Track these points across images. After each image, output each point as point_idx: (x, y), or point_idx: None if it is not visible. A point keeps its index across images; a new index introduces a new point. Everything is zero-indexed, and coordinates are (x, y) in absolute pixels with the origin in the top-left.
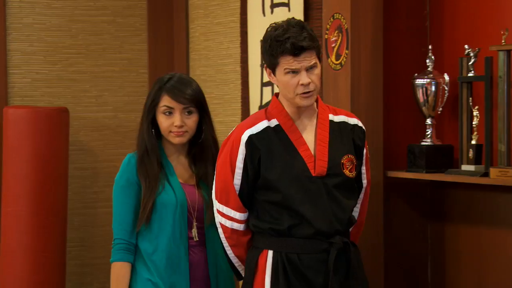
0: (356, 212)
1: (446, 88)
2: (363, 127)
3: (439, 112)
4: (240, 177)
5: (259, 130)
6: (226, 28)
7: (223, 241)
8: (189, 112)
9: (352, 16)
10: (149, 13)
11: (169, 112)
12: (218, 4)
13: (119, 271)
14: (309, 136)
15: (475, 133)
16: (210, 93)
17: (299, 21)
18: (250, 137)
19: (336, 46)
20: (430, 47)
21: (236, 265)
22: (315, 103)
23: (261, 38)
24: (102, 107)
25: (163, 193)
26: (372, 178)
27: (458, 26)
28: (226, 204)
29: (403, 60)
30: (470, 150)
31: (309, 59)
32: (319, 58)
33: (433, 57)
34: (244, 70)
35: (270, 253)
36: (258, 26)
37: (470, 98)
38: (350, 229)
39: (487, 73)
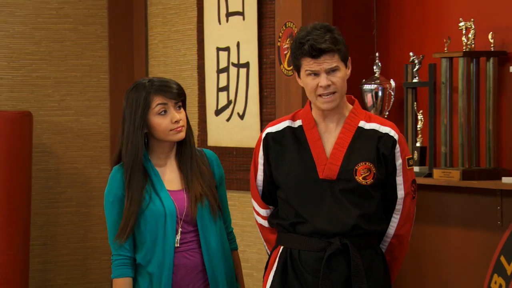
0: (394, 223)
1: (392, 93)
2: (395, 137)
3: (385, 116)
4: (262, 173)
5: (278, 130)
6: (183, 35)
7: (261, 237)
8: (179, 107)
9: (303, 24)
10: (109, 21)
11: (164, 111)
12: (176, 12)
13: (121, 287)
14: (331, 139)
15: (420, 135)
16: None
17: (326, 24)
18: (267, 135)
19: (288, 53)
20: (377, 54)
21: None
22: (348, 106)
23: (217, 45)
24: (65, 111)
25: (151, 204)
26: None
27: (403, 34)
28: (254, 198)
29: (352, 66)
30: (415, 152)
31: (329, 61)
32: (344, 62)
33: (380, 64)
34: (200, 76)
35: (281, 248)
36: (214, 34)
37: (415, 103)
38: (388, 239)
39: (430, 79)
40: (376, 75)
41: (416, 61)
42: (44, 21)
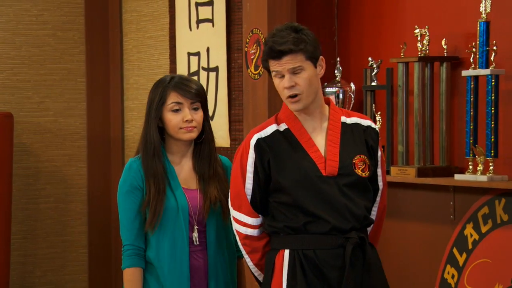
0: (373, 215)
1: (353, 96)
2: (377, 129)
3: None
4: (251, 181)
5: (268, 134)
6: (156, 41)
7: (241, 250)
8: (196, 108)
9: (269, 31)
10: (86, 27)
11: (178, 108)
12: (149, 20)
13: (132, 277)
14: (318, 138)
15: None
16: (142, 100)
17: (293, 24)
18: (258, 141)
19: (255, 58)
20: (338, 59)
21: (256, 274)
22: (326, 107)
23: (188, 51)
24: (44, 112)
25: (165, 198)
26: None
27: (362, 41)
28: (239, 209)
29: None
30: None
31: (291, 62)
32: (312, 61)
33: (341, 68)
34: None
35: (287, 252)
36: (185, 39)
37: (373, 105)
38: (368, 230)
39: (388, 82)
40: (337, 78)
41: (374, 66)
42: (24, 28)
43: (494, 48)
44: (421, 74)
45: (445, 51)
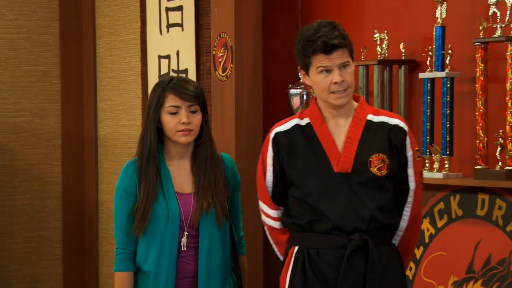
0: (406, 216)
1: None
2: (405, 128)
3: None
4: (271, 174)
5: (287, 128)
6: (128, 45)
7: (269, 239)
8: (194, 111)
9: (236, 35)
10: (60, 31)
11: (175, 111)
12: (121, 24)
13: (122, 280)
14: (341, 134)
15: None
16: (114, 101)
17: (330, 21)
18: (276, 134)
19: (223, 61)
20: None
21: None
22: (354, 103)
23: (159, 54)
24: (20, 112)
25: (155, 204)
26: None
27: None
28: (262, 200)
29: (279, 73)
30: None
31: (341, 56)
32: (352, 57)
33: None
34: (144, 81)
35: (296, 249)
36: (156, 43)
37: None
38: (401, 233)
39: None
40: (301, 80)
41: None
42: (0, 31)
43: (449, 51)
44: (380, 77)
45: (403, 54)
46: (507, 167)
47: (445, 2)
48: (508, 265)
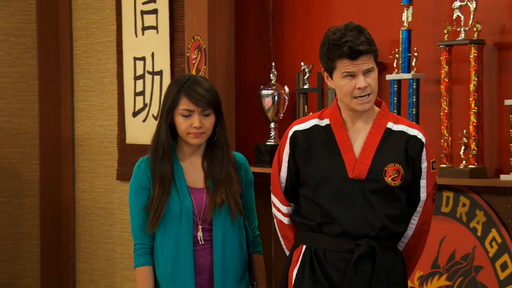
0: (412, 224)
1: (286, 98)
2: (423, 140)
3: (280, 117)
4: (286, 170)
5: (306, 127)
6: (104, 47)
7: (278, 232)
8: (207, 115)
9: (209, 38)
10: (38, 34)
11: (188, 114)
12: (98, 26)
13: (144, 275)
14: (359, 139)
15: None
16: (91, 101)
17: (357, 25)
18: (295, 133)
19: (196, 63)
20: (273, 64)
21: (287, 254)
22: (375, 108)
23: (134, 55)
24: None
25: (169, 199)
26: None
27: (295, 47)
28: (275, 194)
29: (251, 74)
30: None
31: (366, 62)
32: (376, 62)
33: (275, 72)
34: (119, 82)
35: (304, 248)
36: (131, 45)
37: (306, 106)
38: (406, 240)
39: (319, 85)
40: (272, 82)
41: (306, 70)
42: None
43: (415, 54)
44: None
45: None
46: (471, 166)
47: (411, 7)
48: (472, 260)
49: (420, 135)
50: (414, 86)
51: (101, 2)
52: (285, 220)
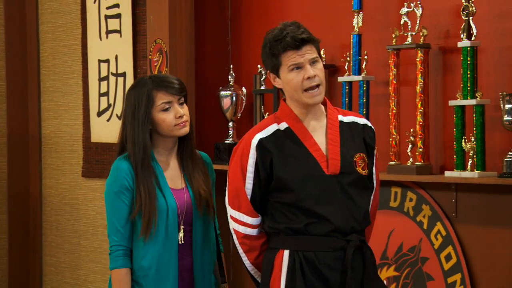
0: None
1: (244, 98)
2: (373, 127)
3: (238, 117)
4: (251, 181)
5: (269, 134)
6: (70, 49)
7: (238, 248)
8: (182, 103)
9: (170, 41)
10: (6, 36)
11: (168, 107)
12: (63, 30)
13: (121, 277)
14: (319, 137)
15: None
16: (57, 102)
17: (294, 21)
18: (261, 141)
19: (158, 65)
20: (231, 66)
21: (252, 272)
22: (322, 106)
23: (99, 58)
24: None
25: (156, 203)
26: None
27: (252, 49)
28: (238, 209)
29: (210, 76)
30: None
31: (310, 51)
32: (320, 55)
33: (233, 74)
34: (85, 83)
35: (286, 252)
36: (96, 48)
37: (262, 106)
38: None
39: (274, 86)
40: (230, 83)
41: (263, 72)
42: None
43: (365, 57)
44: None
45: (323, 59)
46: (417, 163)
47: (361, 12)
48: (418, 252)
49: (369, 123)
50: (364, 88)
51: (66, 6)
52: (253, 232)
